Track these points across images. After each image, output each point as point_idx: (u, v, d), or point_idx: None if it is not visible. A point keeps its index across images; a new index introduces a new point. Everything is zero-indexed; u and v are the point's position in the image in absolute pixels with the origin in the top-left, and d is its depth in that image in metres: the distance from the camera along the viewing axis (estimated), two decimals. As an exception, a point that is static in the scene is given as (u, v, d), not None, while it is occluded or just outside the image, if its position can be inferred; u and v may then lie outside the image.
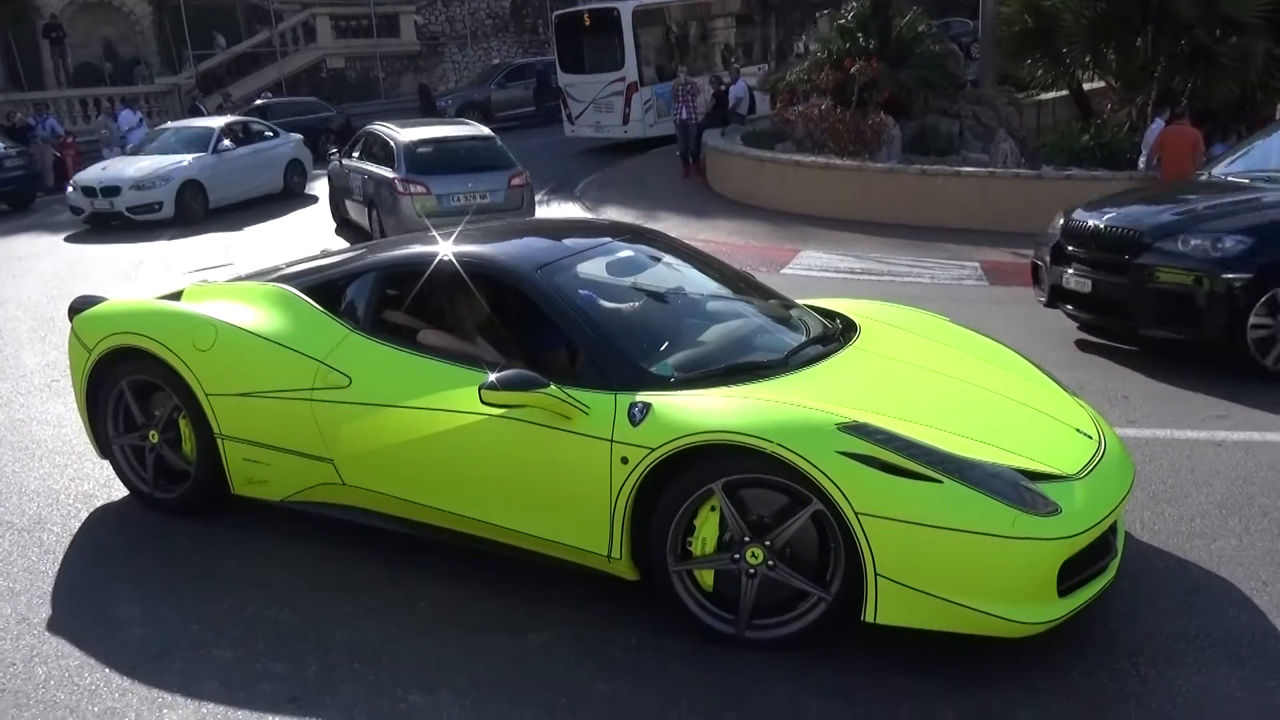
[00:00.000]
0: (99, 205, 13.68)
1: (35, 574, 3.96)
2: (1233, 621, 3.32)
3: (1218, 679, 3.02)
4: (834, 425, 3.04)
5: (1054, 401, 3.71)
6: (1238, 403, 5.41)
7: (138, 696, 3.12)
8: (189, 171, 14.17)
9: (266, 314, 4.17)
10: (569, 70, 18.85)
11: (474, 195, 11.03)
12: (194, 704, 3.07)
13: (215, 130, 15.26)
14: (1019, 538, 2.88)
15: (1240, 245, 5.82)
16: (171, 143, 15.26)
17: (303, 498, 4.04)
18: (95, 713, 3.04)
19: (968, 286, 8.94)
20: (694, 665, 3.17)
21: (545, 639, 3.36)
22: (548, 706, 3.00)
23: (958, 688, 3.01)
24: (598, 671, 3.16)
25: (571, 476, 3.34)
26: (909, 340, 4.07)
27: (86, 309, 4.56)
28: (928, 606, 2.94)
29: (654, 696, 3.03)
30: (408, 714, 2.98)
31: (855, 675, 3.08)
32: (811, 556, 3.12)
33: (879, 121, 12.99)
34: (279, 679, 3.18)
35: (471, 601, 3.61)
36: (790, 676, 3.08)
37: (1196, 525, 4.01)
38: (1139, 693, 2.97)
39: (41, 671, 3.27)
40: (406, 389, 3.72)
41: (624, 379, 3.41)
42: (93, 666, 3.29)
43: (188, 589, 3.78)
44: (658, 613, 3.41)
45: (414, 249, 4.30)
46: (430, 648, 3.33)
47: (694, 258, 4.57)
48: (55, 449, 5.35)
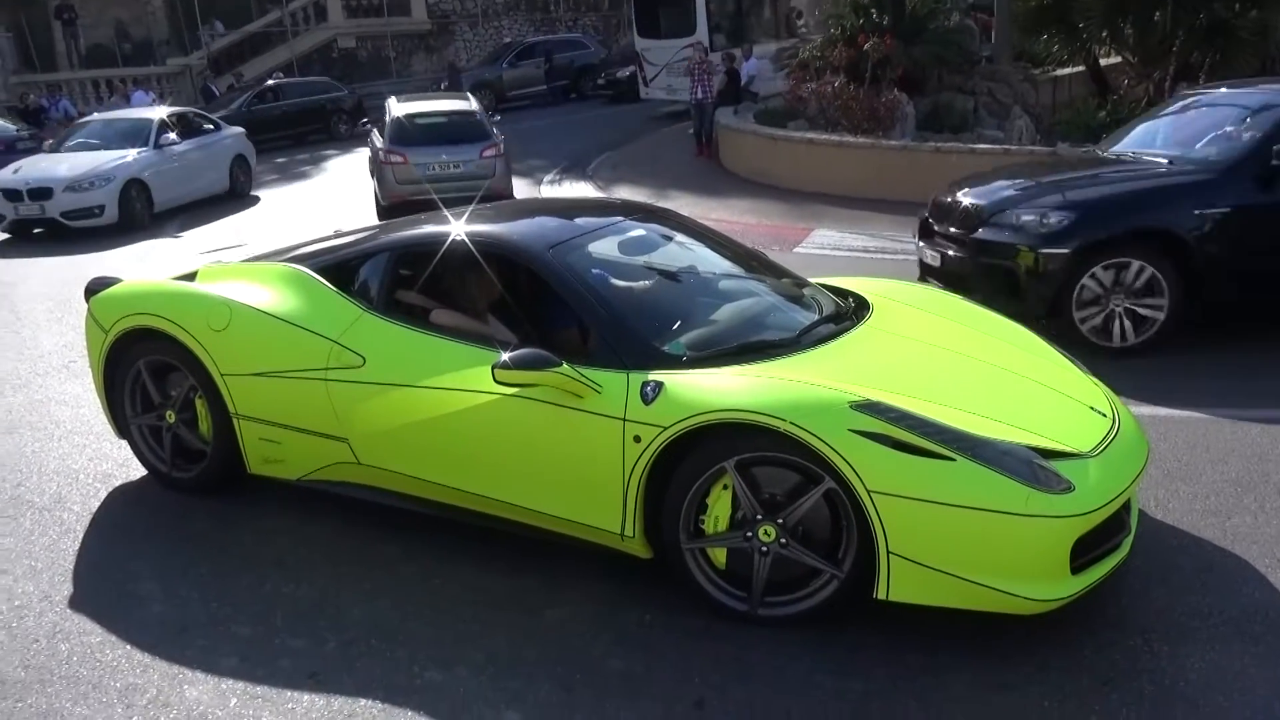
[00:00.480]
0: (25, 210, 11.72)
1: (56, 552, 4.01)
2: (1246, 599, 3.32)
3: (1231, 656, 3.02)
4: (846, 403, 3.04)
5: (1068, 379, 3.70)
6: (1255, 380, 5.38)
7: (158, 672, 3.16)
8: (132, 169, 12.33)
9: (280, 294, 4.19)
10: (645, 35, 19.65)
11: (448, 165, 12.05)
12: (214, 679, 3.11)
13: (154, 122, 13.39)
14: (1032, 515, 2.89)
15: (1063, 221, 5.81)
16: (102, 137, 13.25)
17: (319, 477, 4.07)
18: (117, 688, 3.09)
19: (982, 264, 8.88)
20: (707, 641, 3.19)
21: (560, 615, 3.39)
22: (563, 682, 3.03)
23: (970, 664, 3.02)
24: (613, 647, 3.19)
25: (584, 455, 3.36)
26: (922, 318, 4.06)
27: (102, 290, 4.60)
28: (940, 584, 2.95)
29: (668, 672, 3.05)
30: (424, 689, 3.02)
31: (868, 652, 3.10)
32: (824, 534, 3.14)
33: (892, 98, 12.88)
34: (297, 655, 3.22)
35: (487, 579, 3.64)
36: (803, 653, 3.10)
37: (1211, 503, 4.00)
38: (1151, 669, 2.97)
39: (64, 648, 3.33)
40: (420, 368, 3.74)
41: (636, 358, 3.41)
42: (114, 643, 3.34)
43: (206, 566, 3.82)
44: (671, 590, 3.44)
45: (426, 229, 4.30)
46: (446, 624, 3.36)
47: (706, 236, 4.56)
48: (74, 429, 5.41)
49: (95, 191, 11.92)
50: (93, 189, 11.92)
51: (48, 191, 11.76)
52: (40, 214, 11.73)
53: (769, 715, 2.84)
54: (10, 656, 3.29)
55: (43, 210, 11.69)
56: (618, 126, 18.87)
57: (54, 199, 11.70)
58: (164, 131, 13.29)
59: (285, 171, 17.70)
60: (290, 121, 21.52)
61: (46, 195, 11.71)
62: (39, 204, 11.65)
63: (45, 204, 11.66)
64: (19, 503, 4.50)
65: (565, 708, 2.91)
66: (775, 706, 2.87)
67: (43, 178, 11.91)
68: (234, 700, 3.01)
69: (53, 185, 11.80)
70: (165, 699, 3.03)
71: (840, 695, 2.91)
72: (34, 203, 11.71)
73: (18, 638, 3.40)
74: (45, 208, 11.68)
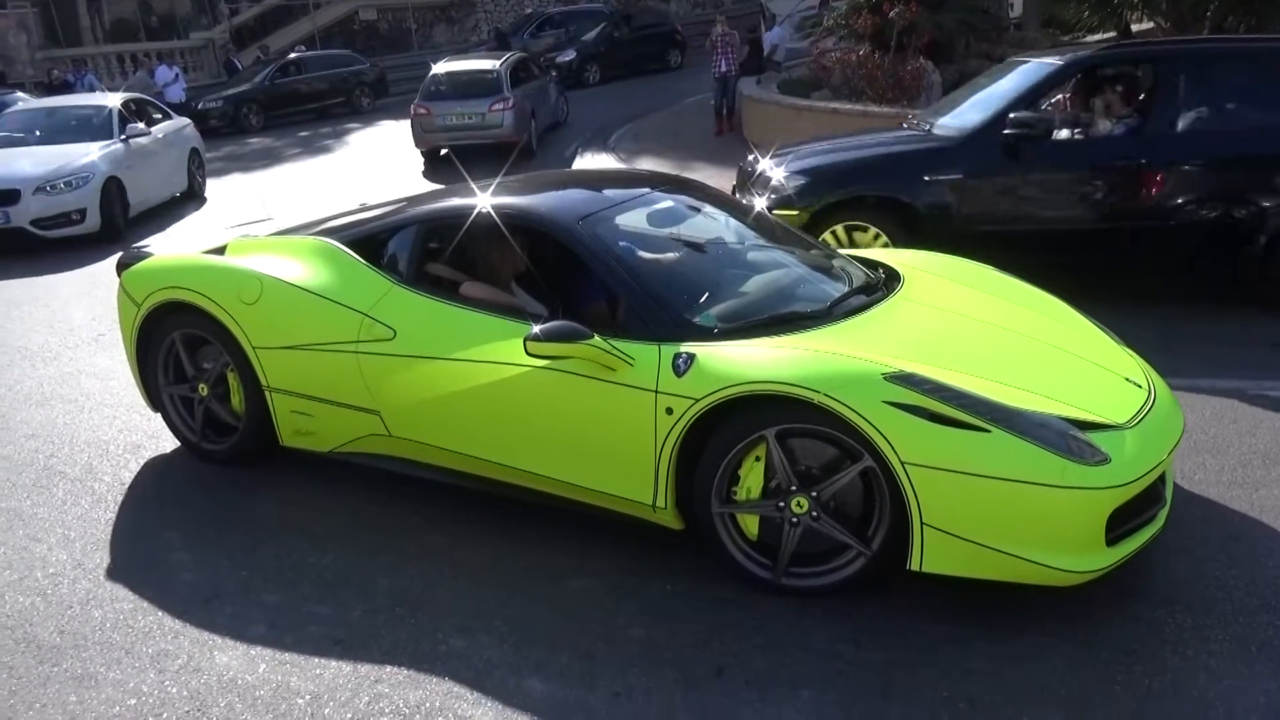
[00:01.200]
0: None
1: (89, 521, 4.08)
2: (1273, 571, 3.29)
3: (1256, 628, 3.01)
4: (880, 375, 3.02)
5: (1102, 350, 3.67)
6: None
7: (189, 639, 3.23)
8: (107, 165, 10.17)
9: (310, 267, 4.20)
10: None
11: (461, 116, 13.83)
12: (243, 646, 3.17)
13: (112, 110, 11.14)
14: (1068, 487, 2.87)
15: (799, 184, 6.06)
16: (42, 129, 11.01)
17: (350, 449, 4.10)
18: (149, 654, 3.16)
19: (1008, 235, 8.78)
20: (729, 611, 3.21)
21: (583, 585, 3.42)
22: (585, 650, 3.06)
23: (992, 634, 3.02)
24: (635, 616, 3.22)
25: (616, 427, 3.36)
26: (953, 289, 4.02)
27: (134, 264, 4.64)
28: (974, 555, 2.95)
29: (689, 640, 3.08)
30: (448, 656, 3.06)
31: (890, 622, 3.10)
32: (856, 511, 3.14)
33: (918, 67, 12.69)
34: (324, 622, 3.28)
35: (510, 548, 3.68)
36: (825, 623, 3.12)
37: (1238, 475, 3.96)
38: (1174, 640, 2.96)
39: (98, 614, 3.40)
40: (450, 341, 3.75)
41: (667, 330, 3.41)
42: (146, 610, 3.41)
43: (234, 536, 3.88)
44: (693, 560, 3.46)
45: (454, 201, 4.29)
46: (469, 593, 3.40)
47: (734, 207, 4.53)
48: (104, 401, 5.49)
49: (71, 193, 9.65)
50: (70, 190, 9.67)
51: (13, 195, 9.40)
52: (3, 223, 9.41)
53: (790, 684, 2.85)
54: (46, 622, 3.36)
55: (7, 218, 9.40)
56: (643, 97, 18.75)
57: (21, 203, 9.39)
58: (127, 120, 11.11)
59: (309, 145, 17.76)
60: (313, 96, 21.57)
61: (11, 199, 9.40)
62: (3, 211, 9.40)
63: (11, 210, 9.38)
64: (52, 473, 4.58)
65: (587, 675, 2.94)
66: (796, 676, 2.89)
67: (5, 176, 9.60)
68: (263, 666, 3.06)
69: (19, 186, 9.43)
70: (196, 664, 3.09)
71: (861, 665, 2.92)
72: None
73: (53, 604, 3.47)
74: (10, 215, 9.39)
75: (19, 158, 10.18)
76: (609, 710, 2.79)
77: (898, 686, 2.83)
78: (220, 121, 19.87)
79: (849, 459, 3.08)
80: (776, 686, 2.85)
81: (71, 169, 9.85)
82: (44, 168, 9.82)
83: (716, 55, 14.72)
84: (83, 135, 10.70)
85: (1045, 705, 2.72)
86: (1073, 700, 2.73)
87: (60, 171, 9.76)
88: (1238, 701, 2.70)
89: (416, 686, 2.93)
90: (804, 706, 2.76)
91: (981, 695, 2.77)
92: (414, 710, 2.83)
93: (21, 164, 9.98)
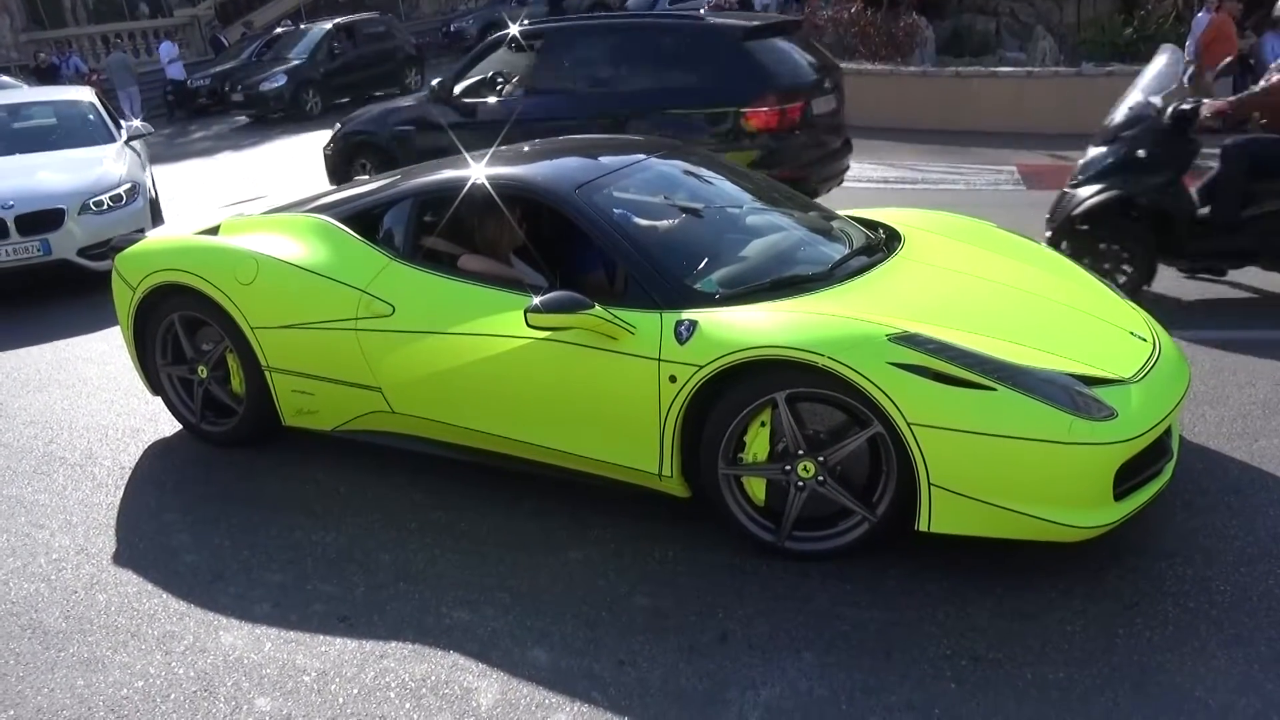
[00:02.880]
0: (15, 253, 7.13)
1: (90, 506, 4.09)
2: (1274, 521, 3.30)
3: (1256, 577, 3.02)
4: (884, 336, 3.00)
5: (1106, 305, 3.65)
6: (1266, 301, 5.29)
7: (194, 620, 3.24)
8: (139, 174, 8.12)
9: (306, 245, 4.16)
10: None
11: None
12: (248, 625, 3.18)
13: (97, 108, 9.05)
14: (1075, 443, 2.86)
15: (341, 131, 8.99)
16: (21, 132, 8.59)
17: (353, 426, 4.09)
18: (155, 636, 3.17)
19: (1005, 191, 8.76)
20: (731, 576, 3.22)
21: (585, 555, 3.43)
22: (589, 620, 3.07)
23: (992, 592, 3.03)
24: (638, 584, 3.23)
25: (620, 397, 3.34)
26: (954, 247, 3.99)
27: (126, 247, 4.60)
28: (982, 514, 2.94)
29: (692, 607, 3.09)
30: (452, 629, 3.08)
31: (891, 582, 3.12)
32: (861, 477, 3.14)
33: (911, 23, 12.58)
34: (329, 600, 3.29)
35: (512, 522, 3.68)
36: (826, 585, 3.13)
37: (1238, 426, 3.96)
38: (1175, 592, 2.97)
39: (102, 598, 3.41)
40: (450, 315, 3.72)
41: (669, 297, 3.38)
42: (150, 592, 3.42)
43: (236, 517, 3.89)
44: (694, 528, 3.46)
45: (449, 173, 4.23)
46: (473, 566, 3.41)
47: (731, 172, 4.49)
48: (101, 386, 5.48)
49: (122, 211, 7.56)
50: (118, 207, 7.57)
51: (54, 217, 7.22)
52: (43, 256, 7.20)
53: (793, 648, 2.87)
54: (51, 608, 3.38)
55: (47, 249, 7.19)
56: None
57: (63, 229, 7.24)
58: (118, 122, 9.05)
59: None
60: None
61: (52, 224, 7.21)
62: (39, 239, 7.16)
63: (51, 238, 7.18)
64: (51, 459, 4.58)
65: (590, 643, 2.96)
66: (799, 639, 2.90)
67: (40, 193, 7.32)
68: (268, 645, 3.08)
69: (62, 205, 7.27)
70: (202, 645, 3.10)
71: (863, 626, 2.94)
72: (29, 238, 7.14)
73: (57, 589, 3.49)
74: (51, 244, 7.19)
75: (26, 169, 7.73)
76: (614, 678, 2.81)
77: (900, 646, 2.84)
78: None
79: (857, 425, 3.06)
80: (779, 650, 2.87)
81: (111, 180, 7.68)
82: (79, 180, 7.57)
83: None
84: (74, 138, 8.51)
85: (1047, 660, 2.73)
86: (1075, 654, 2.74)
87: (101, 184, 7.59)
88: (1239, 651, 2.71)
89: (422, 660, 2.95)
90: (807, 669, 2.78)
91: (984, 652, 2.78)
92: (420, 683, 2.85)
93: (41, 177, 7.57)
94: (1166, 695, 2.57)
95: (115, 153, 8.28)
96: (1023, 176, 9.20)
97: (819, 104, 7.22)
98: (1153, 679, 2.63)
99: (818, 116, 7.18)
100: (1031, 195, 8.53)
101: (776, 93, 6.88)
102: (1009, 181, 9.11)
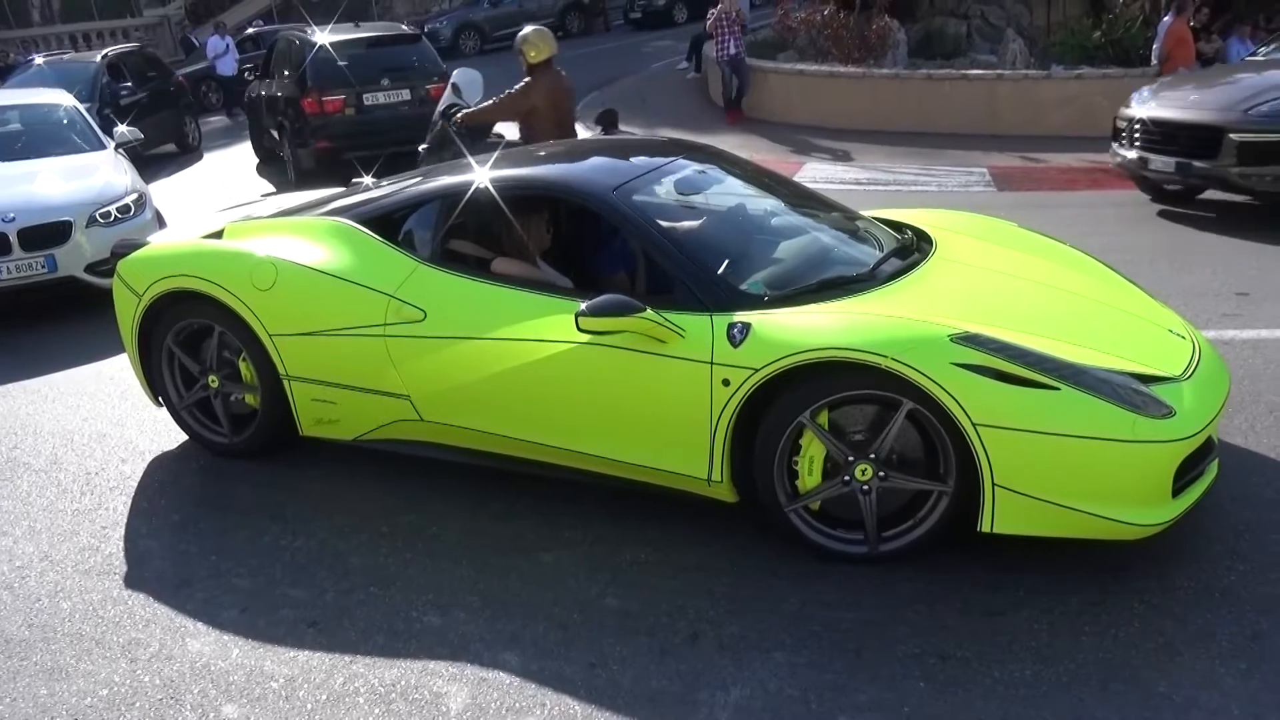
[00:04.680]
0: (17, 270, 6.54)
1: (54, 513, 4.03)
2: (1231, 515, 3.35)
3: (1217, 575, 3.06)
4: (947, 337, 2.98)
5: (1140, 303, 3.67)
6: (1247, 300, 5.36)
7: (160, 626, 3.20)
8: (140, 183, 7.67)
9: (326, 249, 4.01)
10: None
11: None
12: (215, 632, 3.15)
13: (70, 106, 8.59)
14: (1139, 441, 2.87)
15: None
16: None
17: (377, 435, 3.97)
18: (120, 644, 3.13)
19: (976, 193, 8.83)
20: (701, 578, 3.23)
21: (556, 557, 3.42)
22: (560, 621, 3.07)
23: (961, 591, 3.05)
24: (608, 586, 3.23)
25: (669, 401, 3.27)
26: (985, 248, 3.98)
27: (130, 253, 4.41)
28: (1046, 514, 2.93)
29: (663, 608, 3.09)
30: (422, 634, 3.06)
31: (861, 582, 3.13)
32: (918, 456, 3.10)
33: (883, 26, 12.65)
34: (298, 605, 3.26)
35: (483, 525, 3.67)
36: (797, 586, 3.14)
37: (1202, 424, 4.00)
38: (1139, 589, 3.01)
39: (66, 606, 3.36)
40: (486, 320, 3.62)
41: (717, 299, 3.32)
42: (115, 599, 3.37)
43: (204, 521, 3.85)
44: (665, 528, 3.47)
45: (477, 175, 4.04)
46: (444, 570, 3.39)
47: (758, 173, 4.46)
48: (67, 390, 5.41)
49: (129, 222, 6.95)
50: (126, 219, 7.00)
51: (62, 230, 6.67)
52: (48, 273, 6.65)
53: (763, 648, 2.87)
54: (13, 616, 3.33)
55: (52, 266, 6.65)
56: (604, 66, 18.56)
57: (70, 242, 6.67)
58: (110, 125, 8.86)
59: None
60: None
61: (59, 238, 6.65)
62: (45, 255, 6.62)
63: (57, 253, 6.64)
64: (15, 465, 4.52)
65: (562, 646, 2.95)
66: (769, 639, 2.91)
67: (43, 204, 6.78)
68: (236, 651, 3.05)
69: (69, 217, 6.72)
70: (168, 652, 3.07)
71: (834, 626, 2.95)
72: (33, 254, 6.59)
73: (20, 597, 3.44)
74: (57, 260, 6.64)
75: (23, 178, 7.15)
76: (585, 680, 2.80)
77: (870, 645, 2.85)
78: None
79: (890, 410, 3.04)
80: (750, 650, 2.87)
81: (118, 190, 7.17)
82: (83, 190, 7.06)
83: (722, 37, 12.51)
84: (60, 144, 7.94)
85: (1016, 658, 2.75)
86: (1042, 652, 2.77)
87: (107, 194, 7.08)
88: (1202, 646, 2.75)
89: (391, 665, 2.93)
90: (778, 669, 2.78)
91: (953, 651, 2.80)
92: (389, 688, 2.83)
93: (42, 186, 7.05)
94: (1131, 691, 2.60)
95: (112, 160, 7.77)
96: (994, 178, 9.28)
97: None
98: (1118, 675, 2.66)
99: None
100: (1003, 197, 8.61)
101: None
102: (980, 183, 9.19)
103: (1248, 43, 11.76)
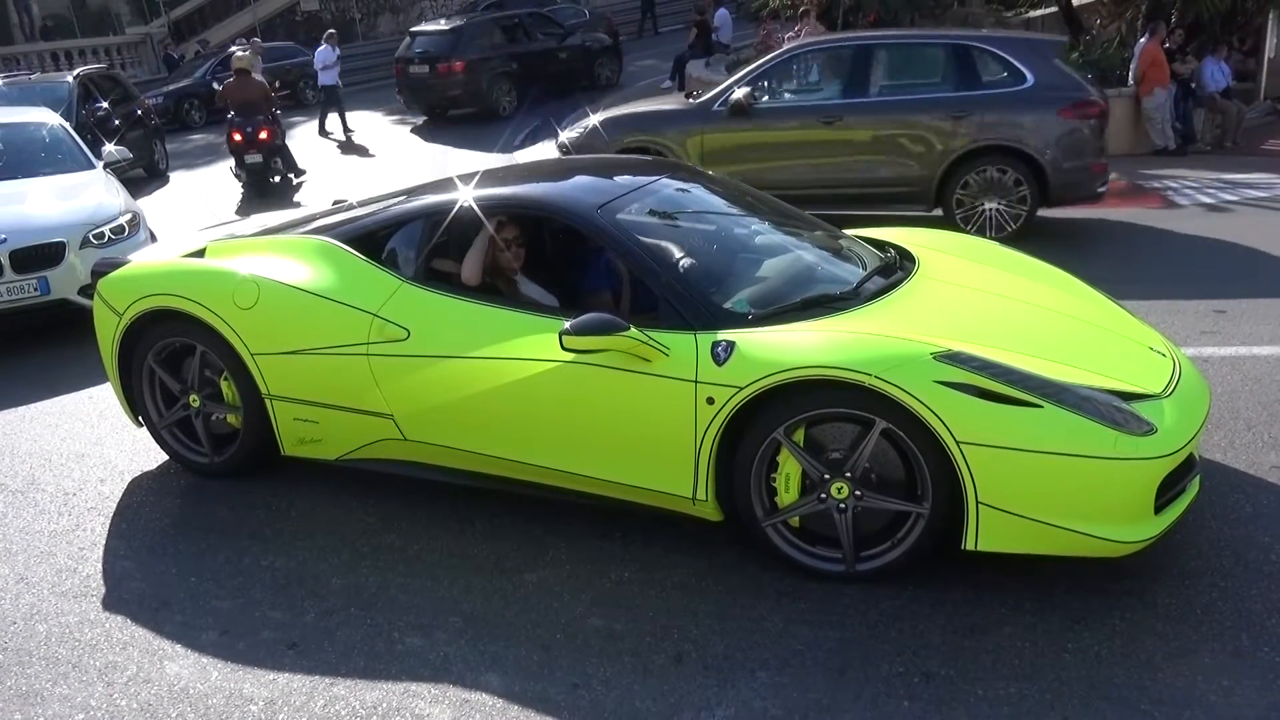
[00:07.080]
0: (9, 294, 6.39)
1: (31, 534, 3.98)
2: (1214, 532, 3.37)
3: (1199, 591, 3.07)
4: (930, 355, 2.99)
5: (1121, 321, 3.70)
6: (1225, 317, 5.42)
7: (138, 649, 3.16)
8: (132, 203, 7.56)
9: (309, 268, 4.00)
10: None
11: None
12: (194, 654, 3.11)
13: (56, 125, 8.39)
14: (1121, 458, 2.88)
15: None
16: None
17: (360, 455, 3.95)
18: (97, 667, 3.09)
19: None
20: (686, 597, 3.22)
21: (539, 578, 3.40)
22: (543, 642, 3.05)
23: (943, 609, 3.06)
24: (591, 606, 3.21)
25: (653, 420, 3.27)
26: (968, 267, 4.02)
27: (110, 271, 4.37)
28: (1029, 531, 2.94)
29: (647, 628, 3.07)
30: (404, 655, 3.03)
31: (844, 601, 3.13)
32: (897, 476, 3.10)
33: (864, 46, 12.75)
34: (278, 626, 3.23)
35: (465, 544, 3.65)
36: (780, 605, 3.13)
37: (1182, 441, 4.03)
38: (1121, 606, 3.02)
39: (42, 629, 3.32)
40: (470, 339, 3.61)
41: (701, 318, 3.33)
42: (92, 622, 3.33)
43: (183, 542, 3.81)
44: (648, 548, 3.46)
45: (462, 193, 4.04)
46: (425, 591, 3.37)
47: (741, 191, 4.48)
48: (45, 410, 5.35)
49: (125, 243, 6.76)
50: (121, 239, 6.83)
51: (55, 251, 6.54)
52: (40, 296, 6.50)
53: (747, 667, 2.86)
54: (-12, 639, 3.28)
55: (45, 288, 6.50)
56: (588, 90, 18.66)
57: (64, 264, 6.54)
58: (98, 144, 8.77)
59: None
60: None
61: (52, 259, 6.53)
62: (37, 277, 6.47)
63: (50, 275, 6.50)
64: (-8, 486, 4.46)
65: (545, 667, 2.93)
66: (754, 658, 2.90)
67: (35, 225, 6.63)
68: (215, 674, 3.01)
69: (63, 238, 6.58)
70: (146, 675, 3.03)
71: (817, 645, 2.94)
72: (25, 276, 6.44)
73: (-5, 621, 3.39)
74: (50, 283, 6.51)
75: (12, 198, 7.02)
76: (568, 701, 2.78)
77: (854, 664, 2.85)
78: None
79: (865, 429, 3.05)
80: (734, 670, 2.86)
81: (111, 211, 7.01)
82: (76, 210, 6.91)
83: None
84: (47, 163, 7.80)
85: (999, 676, 2.76)
86: (1025, 669, 2.77)
87: (100, 214, 6.92)
88: (1183, 663, 2.76)
89: (373, 687, 2.90)
90: (761, 688, 2.77)
91: (936, 669, 2.80)
92: (370, 711, 2.80)
93: (33, 206, 6.91)
94: (1114, 708, 2.60)
95: (103, 179, 7.63)
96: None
97: None
98: (1100, 692, 2.67)
99: None
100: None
101: None
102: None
103: (1222, 64, 11.96)
